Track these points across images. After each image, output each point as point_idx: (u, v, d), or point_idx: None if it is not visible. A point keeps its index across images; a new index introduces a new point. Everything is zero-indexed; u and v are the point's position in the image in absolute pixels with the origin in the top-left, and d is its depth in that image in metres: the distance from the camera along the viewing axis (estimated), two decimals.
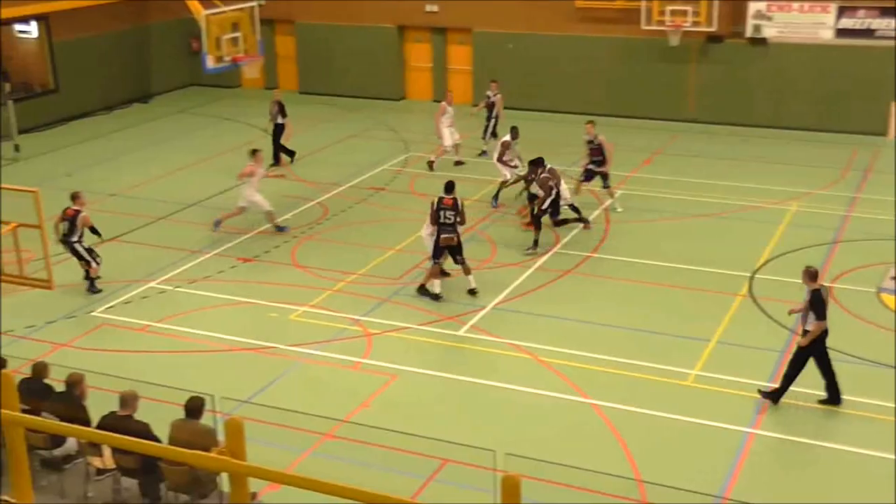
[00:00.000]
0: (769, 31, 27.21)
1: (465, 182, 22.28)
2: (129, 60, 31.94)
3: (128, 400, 10.79)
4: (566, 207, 19.64)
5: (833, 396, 13.43)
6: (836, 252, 18.76)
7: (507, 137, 21.60)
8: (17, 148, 25.99)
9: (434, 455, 12.04)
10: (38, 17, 28.91)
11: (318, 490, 6.61)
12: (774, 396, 13.47)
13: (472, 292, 17.06)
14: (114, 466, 10.81)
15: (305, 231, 20.30)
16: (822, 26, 26.71)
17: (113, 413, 10.78)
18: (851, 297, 16.74)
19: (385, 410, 13.56)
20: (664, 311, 16.52)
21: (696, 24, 27.12)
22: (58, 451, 11.15)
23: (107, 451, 10.86)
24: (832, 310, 16.24)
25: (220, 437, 9.60)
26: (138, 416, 10.81)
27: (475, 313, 16.45)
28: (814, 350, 13.24)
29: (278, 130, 24.46)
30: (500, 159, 21.41)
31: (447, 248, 16.92)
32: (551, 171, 19.24)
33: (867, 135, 26.15)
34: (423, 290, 17.12)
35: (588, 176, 21.15)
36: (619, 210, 21.04)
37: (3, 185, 13.13)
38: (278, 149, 24.53)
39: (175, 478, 10.43)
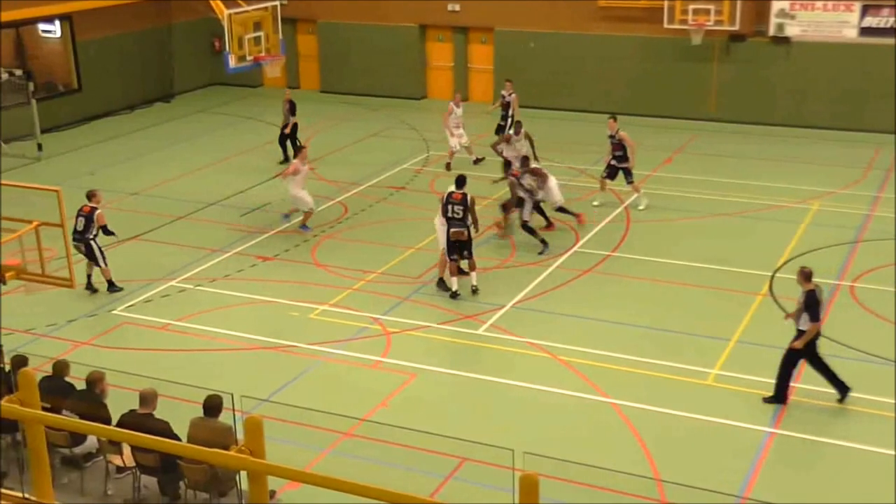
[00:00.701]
0: (792, 30, 27.06)
1: (482, 181, 22.29)
2: (151, 60, 32.09)
3: (147, 398, 10.85)
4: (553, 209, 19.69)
5: (841, 390, 13.37)
6: (857, 251, 18.64)
7: (511, 131, 21.65)
8: (39, 147, 26.15)
9: (453, 454, 12.04)
10: (62, 17, 29.11)
11: (336, 489, 6.62)
12: (777, 399, 13.42)
13: (473, 291, 17.11)
14: (133, 464, 10.86)
15: (325, 230, 20.34)
16: (845, 25, 26.54)
17: (133, 411, 10.83)
18: (873, 296, 16.63)
19: (404, 409, 13.57)
20: (684, 310, 16.46)
21: (718, 22, 27.00)
22: (78, 449, 11.22)
23: (127, 450, 10.92)
24: (855, 310, 16.24)
25: (240, 435, 9.64)
26: (158, 414, 10.86)
27: (494, 312, 16.44)
28: (806, 351, 13.18)
29: (294, 129, 24.59)
30: (496, 150, 21.44)
31: (457, 242, 16.96)
32: (535, 171, 19.11)
33: (890, 134, 25.94)
34: (441, 284, 17.22)
35: (611, 172, 21.09)
36: (641, 208, 20.97)
37: (25, 184, 13.25)
38: (285, 144, 24.71)
39: (194, 476, 10.47)
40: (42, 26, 29.54)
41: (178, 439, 10.10)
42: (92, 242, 17.11)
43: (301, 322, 16.31)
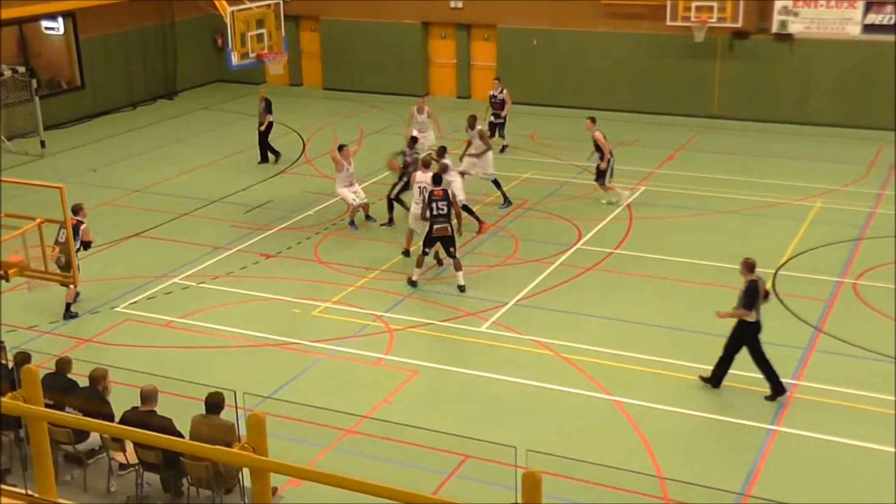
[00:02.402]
0: (795, 27, 27.02)
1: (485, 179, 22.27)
2: (154, 57, 32.10)
3: (148, 395, 10.85)
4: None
5: (776, 388, 13.51)
6: (860, 249, 18.62)
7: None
8: (42, 144, 26.17)
9: (455, 451, 12.05)
10: (65, 14, 29.11)
11: (339, 486, 6.63)
12: (714, 381, 13.73)
13: (460, 289, 17.15)
14: (136, 461, 10.86)
15: (328, 227, 20.34)
16: (848, 22, 26.49)
17: (136, 408, 10.84)
18: (876, 294, 16.61)
19: (407, 406, 13.57)
20: (686, 307, 16.45)
21: (721, 19, 26.96)
22: (81, 446, 11.22)
23: (129, 447, 10.93)
24: (858, 307, 16.22)
25: (242, 432, 9.65)
26: (160, 411, 10.87)
27: (497, 309, 16.44)
28: (744, 339, 13.41)
29: (268, 128, 24.56)
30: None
31: (440, 238, 17.05)
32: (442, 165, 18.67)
33: (893, 131, 25.89)
34: (412, 282, 17.42)
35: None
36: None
37: (29, 181, 13.27)
38: (265, 147, 24.65)
39: (197, 473, 10.47)
40: (45, 23, 29.55)
41: (181, 436, 10.11)
42: (75, 256, 16.86)
43: (304, 319, 16.31)
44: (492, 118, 24.82)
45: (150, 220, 20.84)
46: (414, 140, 20.88)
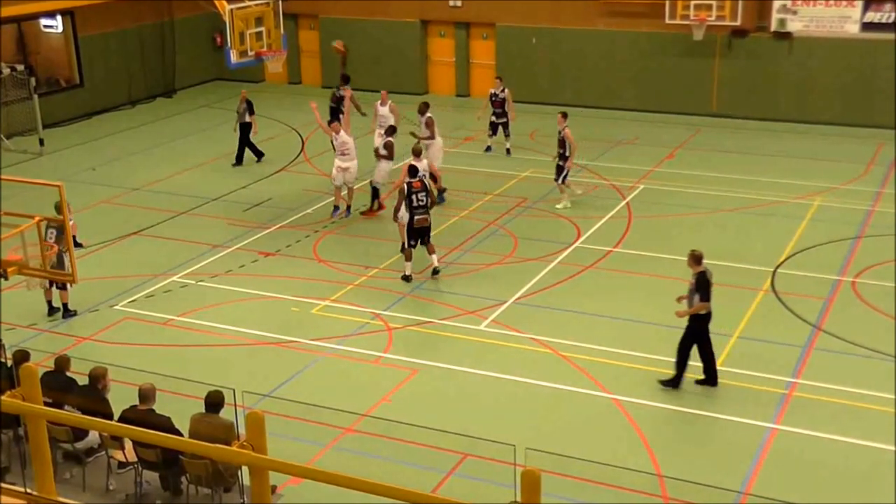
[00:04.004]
0: (794, 25, 27.01)
1: (484, 177, 22.29)
2: (153, 55, 32.05)
3: (147, 394, 10.84)
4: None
5: (710, 377, 13.75)
6: (859, 247, 18.62)
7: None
8: (41, 142, 26.16)
9: (454, 449, 12.06)
10: (64, 12, 29.08)
11: (338, 484, 6.64)
12: (674, 383, 13.78)
13: (435, 272, 17.43)
14: (135, 460, 10.87)
15: (327, 225, 20.34)
16: (847, 20, 26.49)
17: (134, 406, 10.84)
18: (875, 292, 16.62)
19: (406, 405, 13.57)
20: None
21: (720, 18, 26.94)
22: (80, 445, 11.23)
23: (128, 445, 10.93)
24: (857, 306, 16.22)
25: (242, 430, 9.65)
26: (160, 409, 10.87)
27: (496, 308, 16.44)
28: (699, 332, 13.55)
29: (245, 129, 24.52)
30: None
31: (419, 228, 17.28)
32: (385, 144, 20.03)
33: (892, 129, 25.89)
34: (406, 278, 17.57)
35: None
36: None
37: (27, 179, 13.26)
38: (244, 147, 24.56)
39: (196, 471, 10.48)
40: (44, 21, 29.53)
41: (181, 434, 10.11)
42: (63, 256, 16.92)
43: (303, 317, 16.31)
44: (493, 117, 24.72)
45: (149, 219, 20.84)
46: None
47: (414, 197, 17.18)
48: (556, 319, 16.07)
